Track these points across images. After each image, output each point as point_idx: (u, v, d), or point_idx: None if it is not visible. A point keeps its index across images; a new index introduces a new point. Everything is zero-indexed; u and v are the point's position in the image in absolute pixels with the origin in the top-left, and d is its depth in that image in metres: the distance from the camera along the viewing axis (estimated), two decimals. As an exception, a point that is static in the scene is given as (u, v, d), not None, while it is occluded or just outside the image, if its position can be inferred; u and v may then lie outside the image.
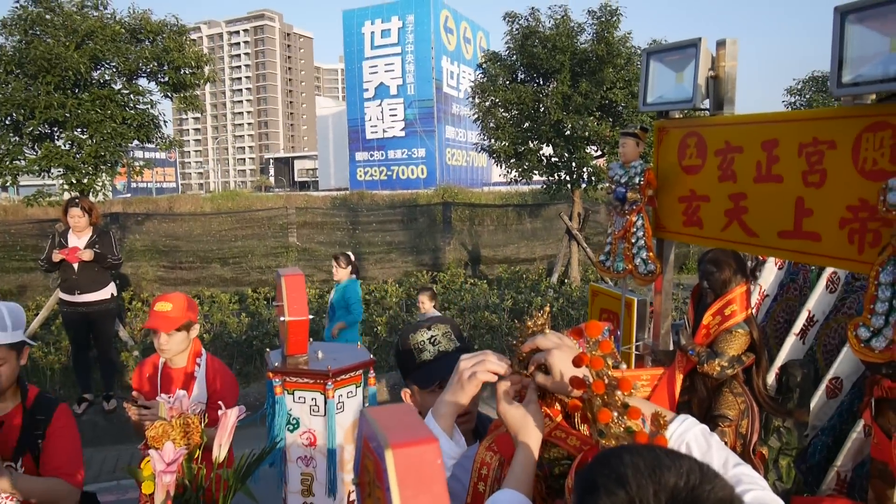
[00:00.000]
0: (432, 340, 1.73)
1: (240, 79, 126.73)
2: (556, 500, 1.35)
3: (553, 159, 11.48)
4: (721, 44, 2.36)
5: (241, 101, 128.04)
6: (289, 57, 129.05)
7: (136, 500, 2.49)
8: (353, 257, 6.61)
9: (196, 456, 1.92)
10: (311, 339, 2.13)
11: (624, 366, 1.90)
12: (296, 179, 73.39)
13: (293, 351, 1.99)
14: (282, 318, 1.94)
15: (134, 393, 3.13)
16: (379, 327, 8.19)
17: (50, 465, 2.23)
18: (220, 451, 1.97)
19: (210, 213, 15.19)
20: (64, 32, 8.45)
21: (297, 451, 2.02)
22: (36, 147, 8.63)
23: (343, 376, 1.98)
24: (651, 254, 2.59)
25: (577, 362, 1.24)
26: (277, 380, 1.96)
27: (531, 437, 1.23)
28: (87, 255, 5.99)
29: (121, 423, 6.52)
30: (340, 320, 6.29)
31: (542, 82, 11.48)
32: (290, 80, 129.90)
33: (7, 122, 8.55)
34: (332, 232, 13.61)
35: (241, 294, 10.59)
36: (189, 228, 13.19)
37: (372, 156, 46.23)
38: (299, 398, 2.00)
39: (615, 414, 1.18)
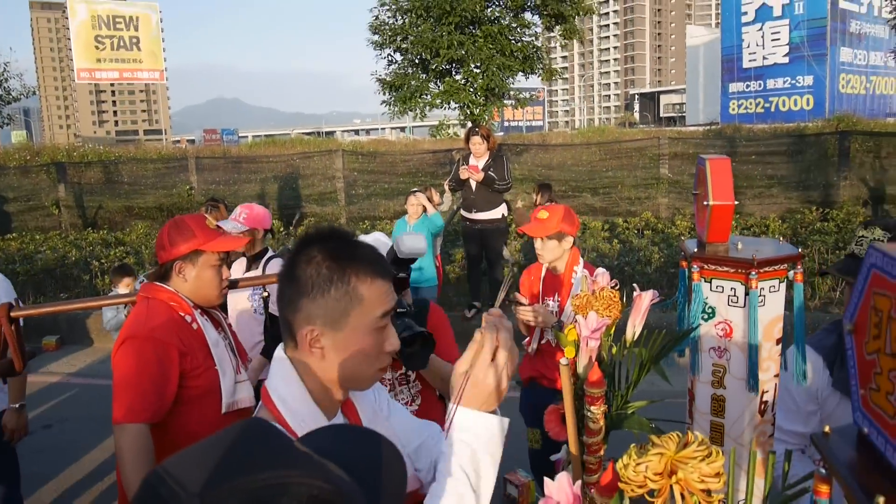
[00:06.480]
0: None
1: (608, 14, 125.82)
2: None
3: None
4: None
5: (608, 37, 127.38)
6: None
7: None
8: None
9: (611, 332, 2.01)
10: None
11: None
12: (661, 115, 71.20)
13: (714, 238, 1.93)
14: (705, 203, 1.89)
15: (516, 295, 3.46)
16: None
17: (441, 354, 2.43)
18: (633, 332, 2.02)
19: (579, 144, 15.59)
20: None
21: (711, 342, 1.97)
22: (438, 83, 9.78)
23: (768, 268, 1.86)
24: None
25: None
26: (695, 266, 1.92)
27: None
28: (479, 176, 6.62)
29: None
30: None
31: None
32: (658, 10, 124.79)
33: (416, 61, 9.81)
34: (705, 163, 12.90)
35: (612, 223, 10.77)
36: (562, 159, 13.75)
37: (748, 86, 42.24)
38: (717, 287, 1.94)
39: None
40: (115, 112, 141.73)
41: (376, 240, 2.32)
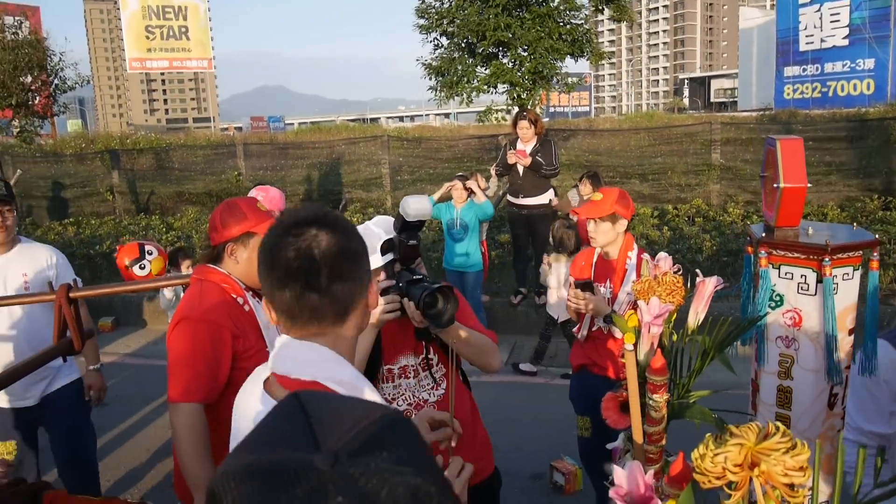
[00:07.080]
0: None
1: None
2: None
3: None
4: None
5: (657, 20, 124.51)
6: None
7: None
8: None
9: (672, 318, 1.94)
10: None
11: None
12: (711, 100, 69.52)
13: (784, 222, 1.84)
14: (775, 185, 1.80)
15: (575, 279, 3.39)
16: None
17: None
18: (695, 319, 1.96)
19: (627, 129, 15.28)
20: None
21: (778, 331, 1.88)
22: (485, 67, 9.67)
23: (842, 255, 1.76)
24: None
25: None
26: (763, 252, 1.84)
27: None
28: (526, 161, 6.53)
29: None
30: None
31: None
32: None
33: (463, 45, 9.72)
34: (760, 149, 12.53)
35: (662, 210, 10.55)
36: (609, 145, 13.50)
37: (805, 70, 40.57)
38: (786, 274, 1.85)
39: None
40: (165, 101, 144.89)
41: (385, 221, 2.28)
